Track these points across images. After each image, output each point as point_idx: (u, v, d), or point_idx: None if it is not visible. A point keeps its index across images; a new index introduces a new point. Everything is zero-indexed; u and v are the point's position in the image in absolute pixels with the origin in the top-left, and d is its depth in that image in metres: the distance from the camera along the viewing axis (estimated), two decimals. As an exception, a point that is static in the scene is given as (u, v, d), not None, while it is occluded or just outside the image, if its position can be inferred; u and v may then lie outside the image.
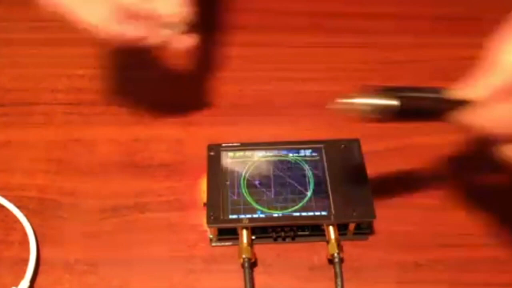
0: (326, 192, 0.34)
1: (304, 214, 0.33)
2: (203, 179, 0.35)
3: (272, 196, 0.34)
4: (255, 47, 0.45)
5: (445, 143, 0.38)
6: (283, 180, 0.34)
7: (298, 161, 0.35)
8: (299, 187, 0.34)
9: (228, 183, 0.34)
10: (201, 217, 0.33)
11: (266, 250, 0.33)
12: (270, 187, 0.34)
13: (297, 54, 0.45)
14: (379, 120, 0.26)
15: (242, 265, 0.32)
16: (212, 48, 0.45)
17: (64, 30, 0.46)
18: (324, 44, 0.46)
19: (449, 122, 0.27)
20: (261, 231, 0.33)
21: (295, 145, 0.36)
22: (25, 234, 0.33)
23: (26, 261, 0.32)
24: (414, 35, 0.46)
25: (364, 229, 0.34)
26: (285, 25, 0.47)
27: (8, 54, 0.45)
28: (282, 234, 0.34)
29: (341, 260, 0.32)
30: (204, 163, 0.35)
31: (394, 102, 0.25)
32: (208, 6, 0.49)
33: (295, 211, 0.33)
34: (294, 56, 0.45)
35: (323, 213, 0.33)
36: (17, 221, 0.34)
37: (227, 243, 0.34)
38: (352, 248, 0.33)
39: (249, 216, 0.33)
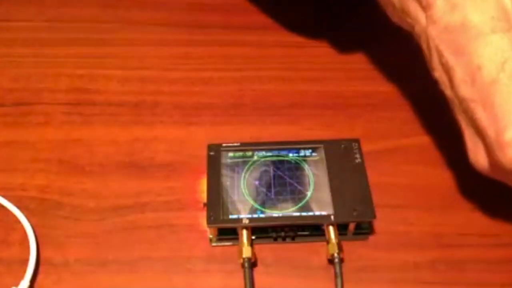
0: (326, 192, 0.34)
1: (304, 214, 0.33)
2: (203, 179, 0.35)
3: (272, 196, 0.34)
4: (256, 47, 0.45)
5: (446, 143, 0.38)
6: (283, 180, 0.34)
7: (298, 161, 0.35)
8: (299, 187, 0.34)
9: (228, 183, 0.34)
10: (201, 217, 0.33)
11: (266, 250, 0.33)
12: (270, 187, 0.34)
13: (297, 54, 0.45)
14: None
15: (242, 265, 0.32)
16: (212, 48, 0.45)
17: (64, 30, 0.47)
18: (324, 44, 0.46)
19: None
20: (261, 231, 0.33)
21: (295, 145, 0.36)
22: (25, 234, 0.33)
23: (26, 261, 0.32)
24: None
25: (364, 229, 0.34)
26: (285, 25, 0.47)
27: (8, 54, 0.45)
28: (282, 234, 0.34)
29: (341, 260, 0.32)
30: (204, 163, 0.35)
31: None
32: (208, 6, 0.49)
33: (295, 211, 0.33)
34: (294, 56, 0.45)
35: (323, 213, 0.33)
36: (17, 221, 0.34)
37: (227, 243, 0.34)
38: (352, 248, 0.33)
39: (249, 216, 0.33)
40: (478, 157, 0.31)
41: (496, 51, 0.28)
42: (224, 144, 0.36)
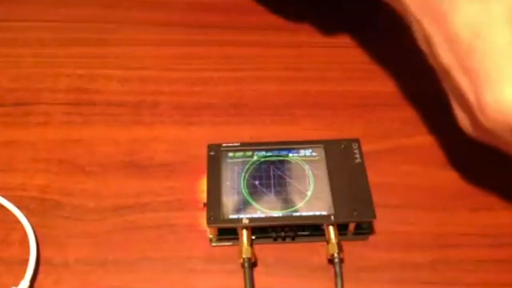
0: (326, 192, 0.34)
1: (304, 214, 0.33)
2: (203, 179, 0.35)
3: (272, 196, 0.34)
4: (255, 46, 0.45)
5: (446, 143, 0.38)
6: (283, 180, 0.34)
7: (298, 161, 0.35)
8: (299, 187, 0.34)
9: (228, 183, 0.34)
10: (201, 217, 0.33)
11: (266, 250, 0.33)
12: (270, 187, 0.34)
13: (297, 54, 0.45)
14: None
15: (242, 265, 0.32)
16: (212, 48, 0.45)
17: (64, 30, 0.47)
18: (324, 44, 0.46)
19: None
20: (261, 231, 0.33)
21: (295, 145, 0.36)
22: (25, 234, 0.33)
23: (26, 261, 0.32)
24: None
25: (364, 229, 0.34)
26: (285, 25, 0.47)
27: (8, 54, 0.45)
28: (282, 234, 0.34)
29: (341, 260, 0.32)
30: (204, 163, 0.35)
31: None
32: (208, 6, 0.49)
33: (295, 211, 0.33)
34: (294, 56, 0.45)
35: (323, 213, 0.33)
36: (17, 221, 0.34)
37: (227, 243, 0.34)
38: (352, 248, 0.33)
39: (249, 216, 0.33)
40: (465, 123, 0.32)
41: (472, 18, 0.29)
42: (224, 144, 0.36)
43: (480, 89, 0.29)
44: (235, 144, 0.36)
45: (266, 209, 0.33)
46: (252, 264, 0.32)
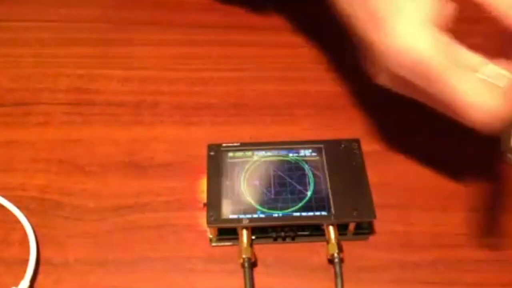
0: (326, 192, 0.34)
1: (304, 214, 0.33)
2: (203, 179, 0.35)
3: (272, 196, 0.34)
4: (255, 47, 0.45)
5: (446, 144, 0.38)
6: (283, 180, 0.34)
7: (298, 161, 0.35)
8: (299, 187, 0.34)
9: (228, 183, 0.34)
10: (201, 217, 0.33)
11: (266, 250, 0.33)
12: (270, 187, 0.34)
13: (297, 54, 0.45)
14: None
15: (242, 265, 0.32)
16: (212, 48, 0.45)
17: (64, 30, 0.47)
18: (324, 44, 0.46)
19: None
20: (261, 231, 0.33)
21: (295, 145, 0.36)
22: (25, 234, 0.33)
23: (26, 261, 0.32)
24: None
25: (364, 229, 0.34)
26: (285, 25, 0.47)
27: (8, 54, 0.45)
28: (282, 234, 0.34)
29: (341, 260, 0.32)
30: (204, 163, 0.35)
31: None
32: (208, 6, 0.49)
33: (295, 211, 0.33)
34: (294, 56, 0.45)
35: (323, 213, 0.33)
36: (17, 221, 0.34)
37: (227, 243, 0.34)
38: (352, 248, 0.33)
39: (249, 216, 0.33)
40: (382, 77, 0.33)
41: None
42: (224, 144, 0.36)
43: (384, 34, 0.30)
44: (235, 144, 0.36)
45: (266, 209, 0.33)
46: (252, 264, 0.32)
